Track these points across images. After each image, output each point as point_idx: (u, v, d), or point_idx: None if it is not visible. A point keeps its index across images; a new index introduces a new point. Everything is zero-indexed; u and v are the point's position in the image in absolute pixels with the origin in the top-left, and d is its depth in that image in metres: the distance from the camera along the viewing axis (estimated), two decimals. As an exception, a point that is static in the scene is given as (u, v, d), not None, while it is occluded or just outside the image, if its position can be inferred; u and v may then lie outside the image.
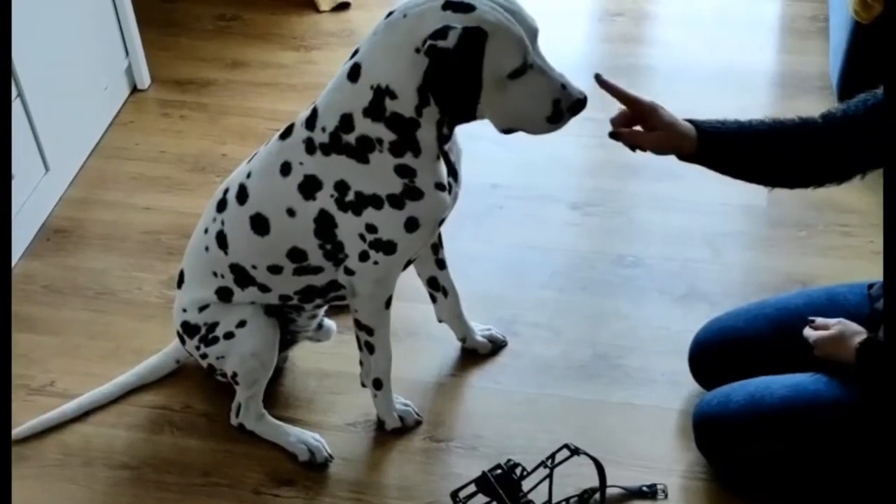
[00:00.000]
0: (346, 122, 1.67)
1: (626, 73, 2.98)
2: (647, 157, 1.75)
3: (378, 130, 1.66)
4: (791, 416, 1.79)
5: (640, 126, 1.73)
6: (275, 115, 2.85)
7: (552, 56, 1.65)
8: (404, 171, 1.69)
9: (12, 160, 2.27)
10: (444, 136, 1.71)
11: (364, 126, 1.66)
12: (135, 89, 2.95)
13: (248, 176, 1.82)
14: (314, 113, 1.72)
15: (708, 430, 1.90)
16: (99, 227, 2.54)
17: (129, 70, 2.91)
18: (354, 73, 1.65)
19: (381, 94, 1.63)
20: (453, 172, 1.79)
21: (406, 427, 2.04)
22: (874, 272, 1.73)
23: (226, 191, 1.87)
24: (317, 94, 2.81)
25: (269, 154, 1.79)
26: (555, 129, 1.67)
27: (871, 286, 1.92)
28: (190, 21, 3.24)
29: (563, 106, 1.64)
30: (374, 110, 1.64)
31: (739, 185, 2.60)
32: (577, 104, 1.64)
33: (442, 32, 1.53)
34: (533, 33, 1.61)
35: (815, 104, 2.84)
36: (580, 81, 1.68)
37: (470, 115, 1.63)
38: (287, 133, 1.77)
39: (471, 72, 1.56)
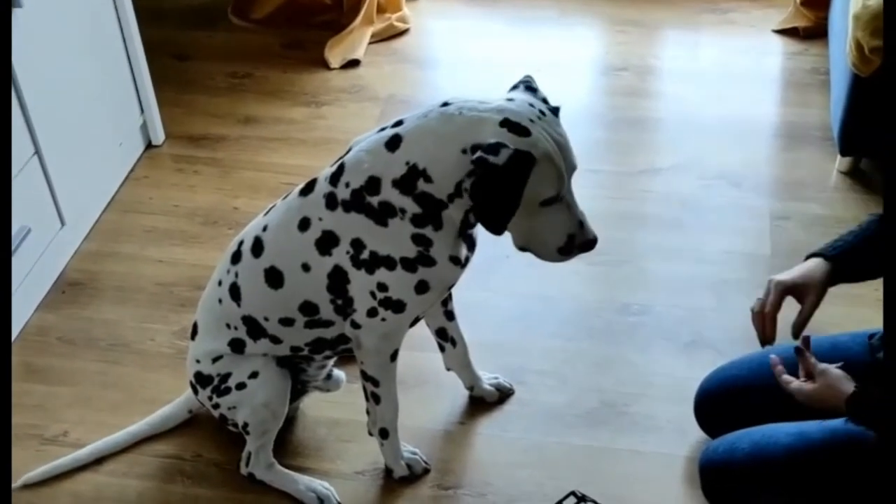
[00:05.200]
0: (373, 184, 1.69)
1: (630, 126, 3.03)
2: (652, 207, 1.78)
3: (403, 202, 1.68)
4: (796, 465, 1.78)
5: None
6: (286, 170, 2.90)
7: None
8: (421, 241, 1.71)
9: (28, 214, 2.33)
10: (470, 224, 1.75)
11: (390, 194, 1.68)
12: (149, 145, 3.00)
13: (265, 229, 1.84)
14: (340, 168, 1.74)
15: (713, 478, 1.90)
16: (113, 279, 2.57)
17: (143, 127, 2.96)
18: (394, 144, 1.68)
19: (416, 173, 1.66)
20: (471, 244, 1.81)
21: (414, 475, 2.05)
22: (878, 320, 1.73)
23: (241, 243, 1.88)
24: (327, 149, 2.96)
25: (288, 209, 1.81)
26: (562, 261, 1.74)
27: (871, 336, 1.93)
28: (203, 79, 3.30)
29: (576, 241, 1.71)
30: (405, 184, 1.67)
31: (743, 234, 2.67)
32: (588, 244, 1.71)
33: (494, 148, 1.57)
34: (572, 169, 1.67)
35: (816, 155, 2.89)
36: (581, 131, 1.71)
37: (500, 229, 1.66)
38: (309, 189, 1.79)
39: (513, 191, 1.61)
